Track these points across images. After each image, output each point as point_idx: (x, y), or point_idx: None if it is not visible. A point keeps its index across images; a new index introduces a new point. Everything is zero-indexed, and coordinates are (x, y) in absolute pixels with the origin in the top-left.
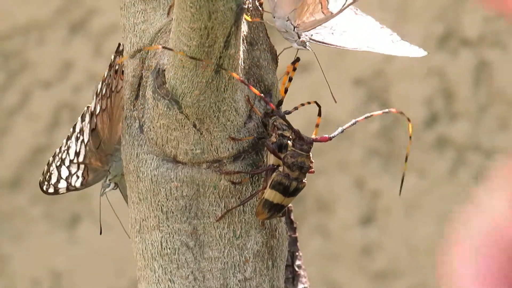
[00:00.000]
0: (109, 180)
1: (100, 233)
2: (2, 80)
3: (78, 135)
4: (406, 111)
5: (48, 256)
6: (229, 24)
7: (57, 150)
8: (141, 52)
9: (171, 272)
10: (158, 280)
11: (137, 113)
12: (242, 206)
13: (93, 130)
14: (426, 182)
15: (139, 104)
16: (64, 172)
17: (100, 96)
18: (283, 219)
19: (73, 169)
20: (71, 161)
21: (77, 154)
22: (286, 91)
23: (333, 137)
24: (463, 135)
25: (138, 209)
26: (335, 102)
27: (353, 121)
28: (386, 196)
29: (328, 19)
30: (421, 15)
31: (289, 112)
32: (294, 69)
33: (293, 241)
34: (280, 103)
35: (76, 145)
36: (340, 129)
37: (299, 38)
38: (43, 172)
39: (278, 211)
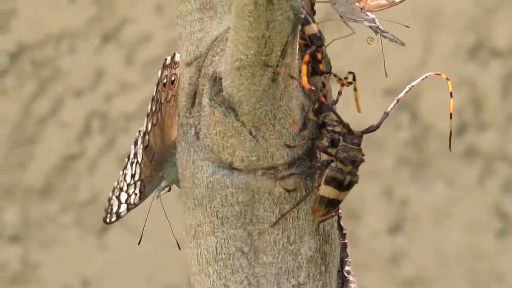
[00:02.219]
0: (165, 186)
1: (139, 243)
2: (34, 88)
3: (133, 160)
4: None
5: (78, 263)
6: (286, 33)
7: (115, 184)
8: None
9: (225, 277)
10: (212, 285)
11: (193, 120)
12: (296, 212)
13: (146, 148)
14: (454, 191)
15: (195, 111)
16: (123, 197)
17: (150, 114)
18: (335, 224)
19: (131, 189)
20: (128, 185)
21: (133, 176)
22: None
23: (380, 124)
24: (492, 144)
25: (193, 214)
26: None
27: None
28: (415, 204)
29: (392, 5)
30: (452, 26)
31: (336, 101)
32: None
33: (343, 247)
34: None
35: (131, 169)
36: (394, 103)
37: (368, 16)
38: (105, 208)
39: (334, 207)
